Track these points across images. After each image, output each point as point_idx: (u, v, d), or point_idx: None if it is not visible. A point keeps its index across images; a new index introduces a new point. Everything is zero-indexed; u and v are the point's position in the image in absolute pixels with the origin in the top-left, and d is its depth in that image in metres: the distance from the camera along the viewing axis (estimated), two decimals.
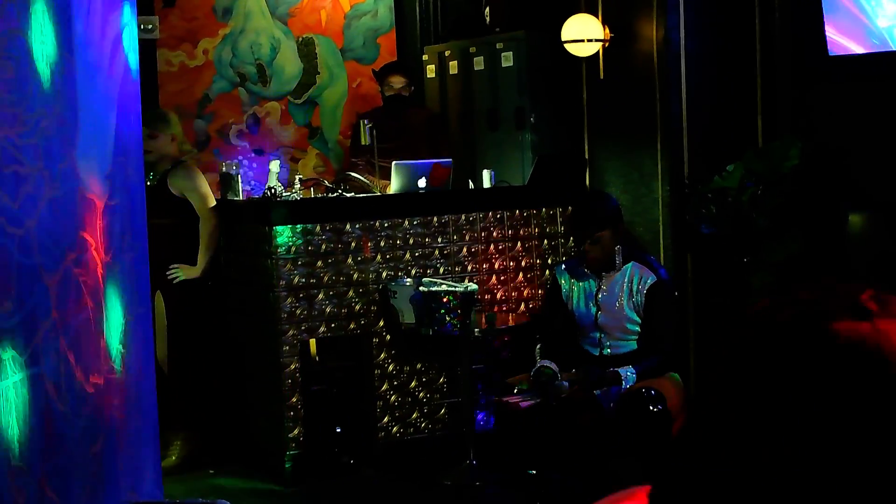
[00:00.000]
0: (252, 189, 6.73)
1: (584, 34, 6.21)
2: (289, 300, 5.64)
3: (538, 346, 5.08)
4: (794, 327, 0.92)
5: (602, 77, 6.34)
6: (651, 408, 4.60)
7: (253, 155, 7.53)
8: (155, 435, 4.06)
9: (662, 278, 4.94)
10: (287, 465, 5.62)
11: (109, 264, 3.53)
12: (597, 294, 5.02)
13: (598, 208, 5.08)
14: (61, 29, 3.28)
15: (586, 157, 6.55)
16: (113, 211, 3.59)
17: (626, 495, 1.05)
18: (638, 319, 4.91)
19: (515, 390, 4.93)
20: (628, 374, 4.78)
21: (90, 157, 3.42)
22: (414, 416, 5.91)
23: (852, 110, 5.62)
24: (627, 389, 4.75)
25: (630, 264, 4.98)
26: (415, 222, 5.93)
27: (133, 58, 3.83)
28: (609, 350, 4.98)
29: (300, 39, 7.63)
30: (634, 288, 4.92)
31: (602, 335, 5.00)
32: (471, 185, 6.42)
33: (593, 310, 5.00)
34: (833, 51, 5.55)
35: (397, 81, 6.81)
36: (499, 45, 6.87)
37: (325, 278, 5.71)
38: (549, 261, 6.19)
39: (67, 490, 3.15)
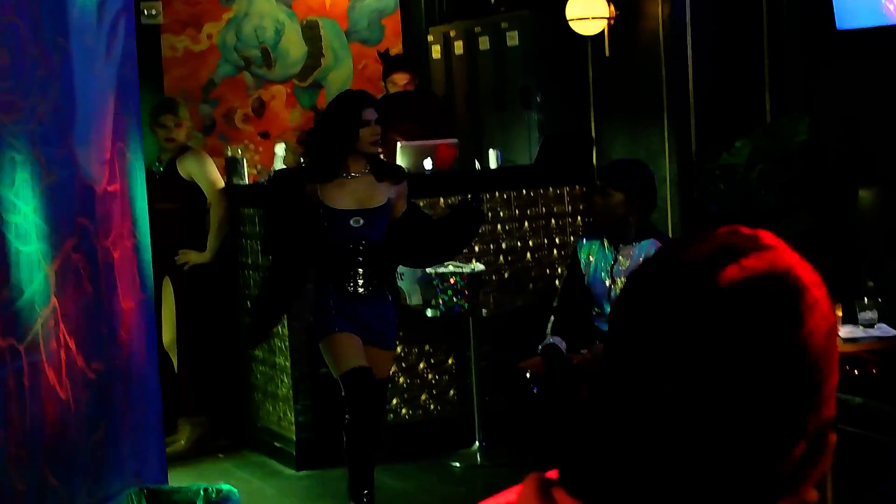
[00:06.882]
0: (258, 173, 6.71)
1: (589, 12, 6.16)
2: None
3: (552, 319, 5.03)
4: (708, 265, 0.97)
5: (608, 55, 6.29)
6: None
7: (259, 138, 7.51)
8: (159, 421, 4.06)
9: None
10: (296, 449, 5.62)
11: (109, 250, 3.52)
12: (612, 266, 4.96)
13: (625, 169, 4.99)
14: (57, 14, 3.26)
15: (593, 135, 6.51)
16: (112, 197, 3.58)
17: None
18: None
19: (528, 374, 4.88)
20: None
21: (88, 142, 3.41)
22: (423, 397, 5.90)
23: (861, 85, 5.57)
24: None
25: (649, 241, 4.90)
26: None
27: (131, 42, 3.81)
28: None
29: (304, 22, 7.60)
30: None
31: None
32: (477, 165, 6.38)
33: (608, 282, 4.95)
34: (841, 25, 5.49)
35: (401, 79, 6.68)
36: (504, 25, 6.82)
37: None
38: (557, 241, 6.15)
39: (70, 477, 3.15)
